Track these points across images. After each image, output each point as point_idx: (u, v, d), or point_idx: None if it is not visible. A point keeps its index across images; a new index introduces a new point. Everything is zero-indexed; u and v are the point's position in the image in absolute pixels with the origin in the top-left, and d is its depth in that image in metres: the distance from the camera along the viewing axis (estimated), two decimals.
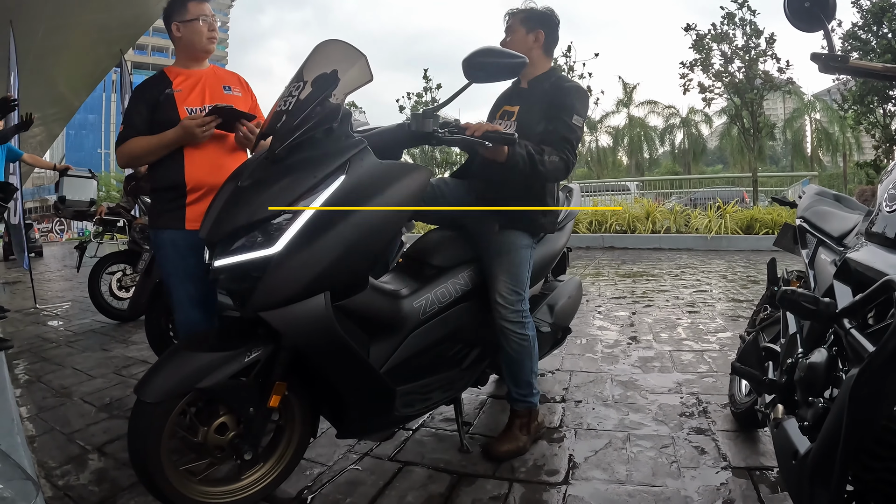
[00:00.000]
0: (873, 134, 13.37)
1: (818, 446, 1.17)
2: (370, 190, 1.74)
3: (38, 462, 2.18)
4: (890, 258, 1.21)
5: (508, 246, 2.21)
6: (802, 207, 2.28)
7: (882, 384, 1.03)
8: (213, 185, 2.10)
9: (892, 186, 1.30)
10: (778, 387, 1.63)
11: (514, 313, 2.17)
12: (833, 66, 1.46)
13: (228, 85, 2.39)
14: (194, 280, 2.20)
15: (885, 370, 1.02)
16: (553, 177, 2.17)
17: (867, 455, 1.09)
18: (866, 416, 1.05)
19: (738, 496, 1.84)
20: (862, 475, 1.12)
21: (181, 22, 2.29)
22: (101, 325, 4.86)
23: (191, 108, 2.25)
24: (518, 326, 2.18)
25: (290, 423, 1.89)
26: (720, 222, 10.26)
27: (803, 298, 1.25)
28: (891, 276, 1.07)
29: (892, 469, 1.08)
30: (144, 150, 2.22)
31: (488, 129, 1.93)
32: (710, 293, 5.51)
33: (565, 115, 2.17)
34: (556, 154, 2.11)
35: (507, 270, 2.19)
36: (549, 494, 1.91)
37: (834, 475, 1.10)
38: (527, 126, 2.22)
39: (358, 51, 1.80)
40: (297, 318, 1.63)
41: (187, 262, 2.19)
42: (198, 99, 2.28)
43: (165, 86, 2.27)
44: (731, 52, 14.20)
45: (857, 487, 1.15)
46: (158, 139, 2.18)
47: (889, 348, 1.00)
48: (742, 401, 2.32)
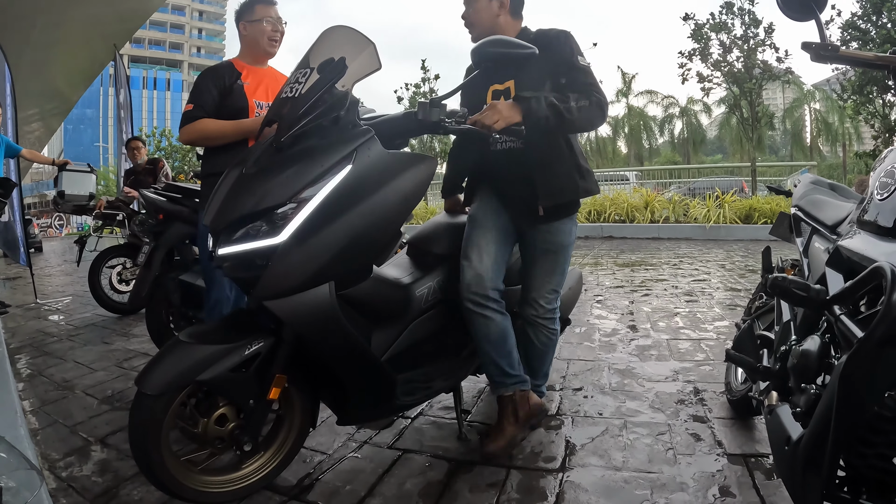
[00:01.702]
0: (872, 124, 13.31)
1: (810, 432, 1.19)
2: (377, 180, 1.72)
3: (41, 454, 2.20)
4: (881, 245, 1.22)
5: (556, 245, 2.15)
6: (797, 196, 2.29)
7: (872, 370, 1.05)
8: None
9: (883, 175, 1.31)
10: (772, 374, 1.64)
11: (549, 311, 2.18)
12: (824, 56, 1.47)
13: None
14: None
15: (874, 356, 1.03)
16: (589, 123, 2.00)
17: (859, 441, 1.10)
18: (856, 401, 1.07)
19: (733, 482, 1.86)
20: (853, 461, 1.13)
21: (248, 22, 2.43)
22: (102, 319, 4.88)
23: (259, 101, 2.41)
24: (550, 322, 2.19)
25: (289, 412, 1.91)
26: (719, 212, 10.27)
27: (794, 285, 1.26)
28: (880, 263, 1.08)
29: (883, 455, 1.10)
30: (219, 133, 2.36)
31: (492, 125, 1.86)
32: (708, 282, 5.53)
33: (570, 62, 2.01)
34: (584, 98, 1.94)
35: (551, 272, 2.16)
36: (545, 481, 1.94)
37: (825, 461, 1.11)
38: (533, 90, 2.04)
39: (366, 38, 1.78)
40: (301, 307, 1.64)
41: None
42: (263, 94, 2.45)
43: (236, 76, 2.42)
44: (729, 42, 14.18)
45: (850, 473, 1.16)
46: (235, 125, 2.32)
47: (877, 334, 1.01)
48: (738, 388, 2.34)
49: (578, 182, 2.12)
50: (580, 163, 2.14)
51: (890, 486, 1.12)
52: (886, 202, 1.26)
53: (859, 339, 1.05)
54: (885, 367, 1.04)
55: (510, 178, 2.15)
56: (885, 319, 1.00)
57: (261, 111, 2.43)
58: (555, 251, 2.15)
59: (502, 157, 2.17)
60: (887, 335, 1.01)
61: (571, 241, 2.19)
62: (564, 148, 2.11)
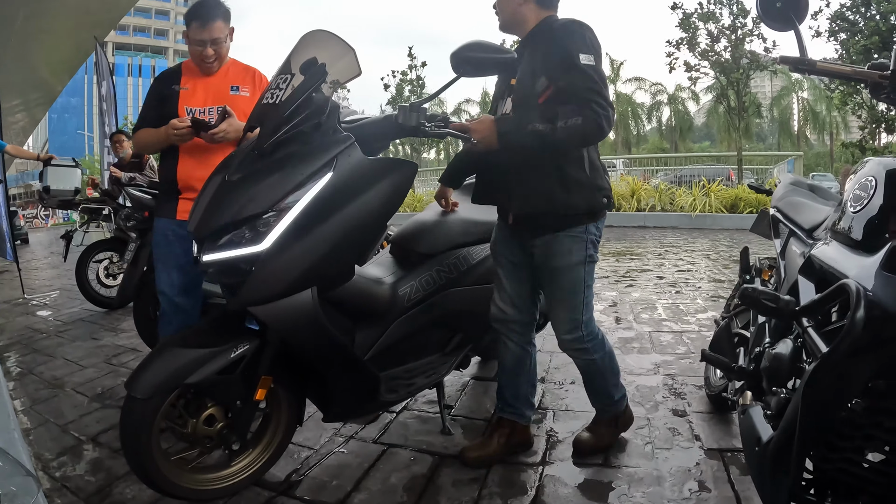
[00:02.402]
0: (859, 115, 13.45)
1: (778, 435, 1.23)
2: (357, 186, 1.76)
3: (34, 455, 2.23)
4: (852, 258, 1.25)
5: (550, 267, 1.96)
6: (776, 197, 2.33)
7: (836, 381, 1.09)
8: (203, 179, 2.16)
9: (857, 187, 1.34)
10: (746, 374, 1.69)
11: (574, 341, 2.01)
12: (802, 69, 1.50)
13: (237, 85, 2.43)
14: (179, 269, 2.35)
15: (838, 368, 1.08)
16: (581, 141, 1.82)
17: (825, 445, 1.15)
18: (821, 410, 1.11)
19: (709, 477, 1.92)
20: (820, 464, 1.18)
21: (187, 37, 2.36)
22: (90, 314, 4.88)
23: (191, 107, 2.34)
24: (580, 353, 2.04)
25: (276, 411, 1.95)
26: (705, 200, 10.35)
27: (763, 296, 1.30)
28: (846, 280, 1.11)
29: (849, 459, 1.14)
30: (147, 142, 2.39)
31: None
32: (693, 273, 5.61)
33: (569, 61, 1.78)
34: (577, 114, 1.73)
35: (560, 300, 1.99)
36: (526, 475, 1.99)
37: (792, 463, 1.16)
38: (525, 95, 1.89)
39: (346, 44, 1.80)
40: (284, 312, 1.68)
41: (175, 251, 2.33)
42: (201, 99, 2.37)
43: (175, 81, 2.39)
44: (717, 32, 14.22)
45: (817, 476, 1.21)
46: (155, 134, 2.30)
47: (841, 349, 1.05)
48: (716, 384, 2.39)
49: (558, 194, 1.87)
50: (569, 173, 1.88)
51: (856, 488, 1.16)
52: (859, 215, 1.29)
53: (822, 354, 1.09)
54: (850, 378, 1.08)
55: (494, 180, 2.03)
56: (849, 335, 1.03)
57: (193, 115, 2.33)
58: (550, 273, 1.97)
59: (487, 158, 2.01)
60: (850, 350, 1.05)
61: (571, 262, 1.93)
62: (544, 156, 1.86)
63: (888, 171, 1.25)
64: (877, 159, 1.37)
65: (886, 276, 1.08)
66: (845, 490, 1.18)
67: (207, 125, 2.20)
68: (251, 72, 2.50)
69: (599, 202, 1.94)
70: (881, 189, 1.24)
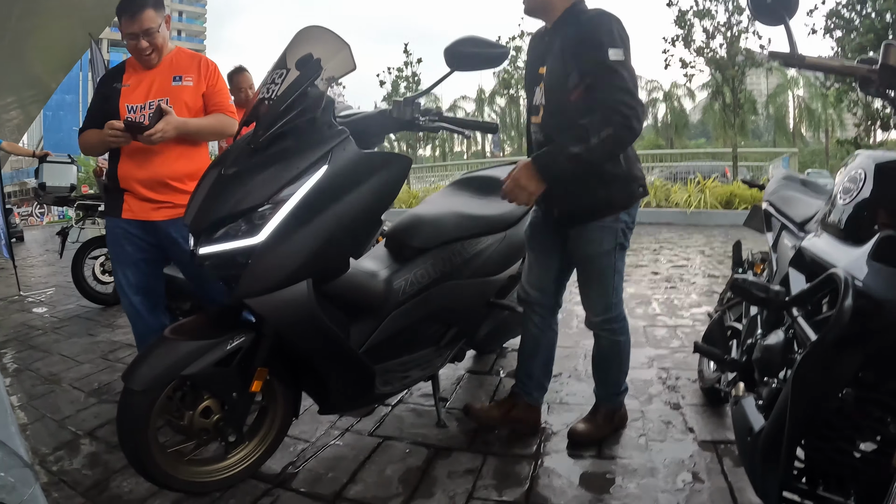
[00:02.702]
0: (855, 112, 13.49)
1: (769, 425, 1.25)
2: (352, 180, 1.78)
3: (31, 449, 2.23)
4: (841, 249, 1.27)
5: (583, 255, 2.04)
6: (769, 191, 2.34)
7: (825, 370, 1.11)
8: (142, 179, 2.27)
9: (847, 180, 1.36)
10: (738, 365, 1.71)
11: (605, 322, 2.08)
12: (792, 63, 1.51)
13: (180, 75, 2.36)
14: (132, 266, 2.34)
15: (827, 358, 1.10)
16: (619, 147, 1.83)
17: (816, 435, 1.16)
18: (811, 399, 1.13)
19: (702, 469, 1.94)
20: (811, 454, 1.20)
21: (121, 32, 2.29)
22: (87, 311, 4.88)
23: (131, 104, 2.29)
24: (609, 333, 2.10)
25: (272, 403, 1.96)
26: (700, 197, 10.36)
27: (754, 287, 1.32)
28: (834, 270, 1.13)
29: (839, 448, 1.16)
30: (91, 144, 2.33)
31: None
32: (687, 268, 5.62)
33: (599, 58, 1.76)
34: (607, 123, 1.73)
35: (592, 284, 2.07)
36: (520, 467, 2.01)
37: (782, 453, 1.17)
38: (557, 90, 1.92)
39: (341, 39, 1.81)
40: (280, 304, 1.69)
41: (124, 249, 2.33)
42: (142, 95, 2.30)
43: (118, 79, 2.33)
44: (713, 28, 14.24)
45: (808, 465, 1.23)
46: (98, 135, 2.24)
47: (830, 338, 1.07)
48: (710, 377, 2.41)
49: (598, 191, 1.93)
50: (607, 169, 1.91)
51: (847, 477, 1.18)
52: (849, 207, 1.31)
53: (812, 343, 1.11)
54: (839, 367, 1.10)
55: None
56: (838, 324, 1.05)
57: (133, 114, 2.27)
58: (583, 260, 2.06)
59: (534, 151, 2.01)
60: (839, 339, 1.07)
61: (603, 251, 1.99)
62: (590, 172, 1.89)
63: (877, 164, 1.27)
64: (866, 152, 1.39)
65: (875, 265, 1.10)
66: (836, 479, 1.20)
67: (143, 127, 2.12)
68: (196, 59, 2.43)
69: (636, 192, 2.01)
70: (870, 182, 1.26)
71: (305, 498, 1.87)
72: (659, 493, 1.82)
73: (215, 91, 2.42)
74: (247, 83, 4.46)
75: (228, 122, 2.42)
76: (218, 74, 2.46)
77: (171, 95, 2.28)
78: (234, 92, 4.76)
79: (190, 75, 2.36)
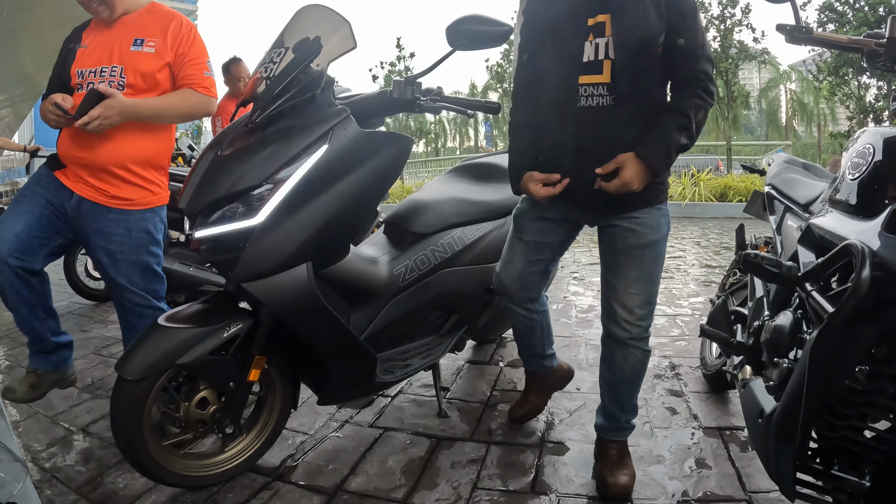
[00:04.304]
0: (847, 105, 13.51)
1: (782, 405, 1.23)
2: (353, 160, 1.73)
3: (24, 446, 2.18)
4: (851, 223, 1.25)
5: (640, 242, 1.68)
6: (771, 175, 2.33)
7: (842, 344, 1.08)
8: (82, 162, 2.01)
9: (855, 155, 1.34)
10: (745, 348, 1.69)
11: (642, 329, 1.73)
12: (798, 38, 1.49)
13: (142, 38, 2.01)
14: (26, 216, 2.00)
15: (843, 331, 1.07)
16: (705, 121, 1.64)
17: (830, 414, 1.14)
18: (827, 375, 1.10)
19: (709, 455, 1.92)
20: (825, 433, 1.17)
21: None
22: (79, 307, 4.81)
23: (82, 69, 1.99)
24: (643, 343, 1.75)
25: (270, 394, 1.92)
26: (694, 190, 10.37)
27: (766, 262, 1.29)
28: (851, 240, 1.11)
29: (854, 427, 1.14)
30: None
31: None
32: (684, 259, 5.62)
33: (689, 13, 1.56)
34: (693, 96, 1.58)
35: (637, 278, 1.69)
36: (525, 455, 1.98)
37: (797, 433, 1.15)
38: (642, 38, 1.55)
39: (341, 16, 1.76)
40: (279, 288, 1.64)
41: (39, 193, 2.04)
42: (95, 58, 2.00)
43: (77, 39, 2.07)
44: (706, 21, 14.21)
45: (822, 444, 1.21)
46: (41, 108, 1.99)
47: (847, 309, 1.05)
48: (712, 363, 2.39)
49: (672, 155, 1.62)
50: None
51: (861, 457, 1.16)
52: (858, 182, 1.29)
53: (829, 315, 1.08)
54: (854, 342, 1.08)
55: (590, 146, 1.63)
56: (855, 295, 1.03)
57: (82, 80, 1.99)
58: (640, 250, 1.69)
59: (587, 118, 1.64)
60: (856, 310, 1.04)
61: (662, 235, 1.71)
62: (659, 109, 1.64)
63: (886, 139, 1.25)
64: (874, 128, 1.37)
65: (889, 236, 1.08)
66: (850, 458, 1.18)
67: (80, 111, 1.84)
68: (168, 20, 2.06)
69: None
70: (879, 156, 1.24)
71: (306, 491, 1.83)
72: (667, 479, 1.79)
73: (186, 61, 2.06)
74: (244, 73, 4.41)
75: (199, 100, 2.08)
76: (193, 40, 2.09)
77: (126, 63, 1.97)
78: (232, 82, 4.73)
79: (154, 39, 2.02)
